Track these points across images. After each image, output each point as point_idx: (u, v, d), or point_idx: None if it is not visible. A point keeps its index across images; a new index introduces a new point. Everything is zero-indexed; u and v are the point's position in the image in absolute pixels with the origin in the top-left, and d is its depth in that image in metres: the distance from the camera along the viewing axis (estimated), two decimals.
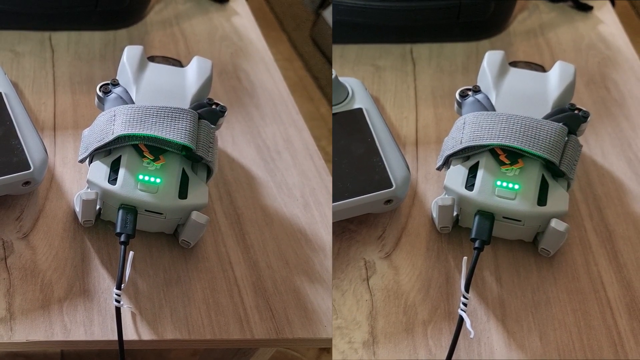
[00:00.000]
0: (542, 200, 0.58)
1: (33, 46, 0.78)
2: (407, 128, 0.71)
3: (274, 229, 0.66)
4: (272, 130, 0.75)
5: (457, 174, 0.59)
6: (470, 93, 0.63)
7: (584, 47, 0.83)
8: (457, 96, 0.64)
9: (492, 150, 0.59)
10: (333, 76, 0.66)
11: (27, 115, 0.63)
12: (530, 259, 0.61)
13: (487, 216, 0.57)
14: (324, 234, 0.66)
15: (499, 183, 0.57)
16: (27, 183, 0.59)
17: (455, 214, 0.60)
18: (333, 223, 0.62)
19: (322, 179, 0.70)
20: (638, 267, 0.61)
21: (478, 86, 0.64)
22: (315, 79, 1.21)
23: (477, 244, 0.56)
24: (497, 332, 0.57)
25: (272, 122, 0.76)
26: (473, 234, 0.57)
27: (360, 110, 0.65)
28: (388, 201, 0.61)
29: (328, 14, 1.22)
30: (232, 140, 0.73)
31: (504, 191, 0.57)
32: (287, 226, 0.66)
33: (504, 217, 0.58)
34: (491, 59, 0.65)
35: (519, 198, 0.57)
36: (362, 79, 0.71)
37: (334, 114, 0.65)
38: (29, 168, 0.59)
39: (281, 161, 0.72)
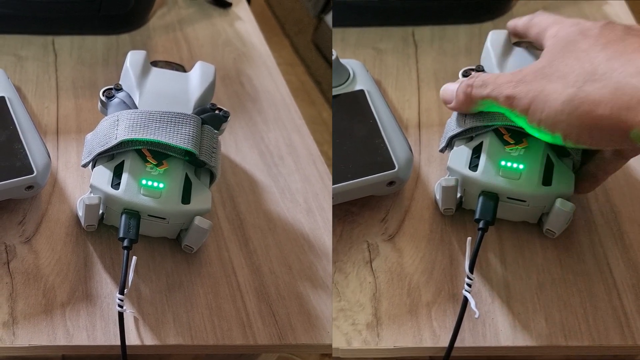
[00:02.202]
0: (547, 180, 0.56)
1: (36, 50, 0.78)
2: (409, 111, 0.71)
3: (277, 235, 0.66)
4: (275, 135, 0.75)
5: (460, 154, 0.58)
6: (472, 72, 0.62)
7: (221, 43, 0.85)
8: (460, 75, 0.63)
9: (497, 130, 0.58)
10: (334, 57, 0.66)
11: (30, 119, 0.63)
12: (535, 241, 0.60)
13: (491, 196, 0.56)
14: (327, 239, 0.66)
15: (503, 163, 0.56)
16: (30, 187, 0.59)
17: (459, 195, 0.59)
18: (335, 206, 0.62)
19: (325, 184, 0.70)
20: None
21: (120, 84, 0.64)
22: (317, 83, 1.21)
23: (481, 225, 0.56)
24: (501, 313, 0.57)
25: (275, 127, 0.76)
26: (477, 214, 0.56)
27: (362, 91, 0.65)
28: (391, 183, 0.60)
29: (330, 18, 1.22)
30: (235, 145, 0.73)
31: (509, 171, 0.56)
32: (290, 231, 0.66)
33: (508, 198, 0.57)
34: (133, 58, 0.65)
35: (524, 178, 0.56)
36: (364, 61, 0.71)
37: (335, 96, 0.65)
38: (32, 172, 0.59)
39: (284, 166, 0.72)
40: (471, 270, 0.54)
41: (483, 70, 0.61)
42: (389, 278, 0.59)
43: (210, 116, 0.63)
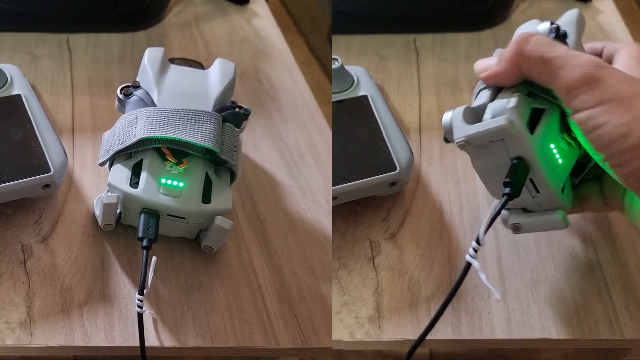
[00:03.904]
0: (206, 198, 0.58)
1: (51, 48, 0.78)
2: (410, 115, 0.73)
3: (298, 235, 0.65)
4: (294, 134, 0.74)
5: (121, 171, 0.58)
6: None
7: (238, 40, 0.85)
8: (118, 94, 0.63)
9: (157, 148, 0.58)
10: (338, 65, 0.68)
11: (46, 117, 0.63)
12: (530, 240, 0.61)
13: (152, 214, 0.57)
14: None
15: (163, 181, 0.57)
16: (46, 186, 0.58)
17: (119, 211, 0.59)
18: (339, 205, 0.63)
19: None
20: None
21: (137, 82, 0.63)
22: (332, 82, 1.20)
23: (144, 243, 0.56)
24: (497, 308, 0.58)
25: (294, 125, 0.75)
26: (140, 233, 0.56)
27: (365, 97, 0.67)
28: (392, 183, 0.62)
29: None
30: (254, 144, 0.72)
31: (169, 189, 0.57)
32: (311, 232, 0.65)
33: (168, 215, 0.57)
34: (152, 55, 0.64)
35: (184, 196, 0.57)
36: (367, 68, 0.72)
37: (339, 101, 0.67)
38: (49, 171, 0.58)
39: (305, 166, 0.71)
40: (480, 239, 0.50)
41: (139, 87, 0.62)
42: (391, 274, 0.60)
43: (230, 114, 0.62)
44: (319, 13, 1.27)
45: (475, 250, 0.49)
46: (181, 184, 0.57)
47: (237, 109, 0.63)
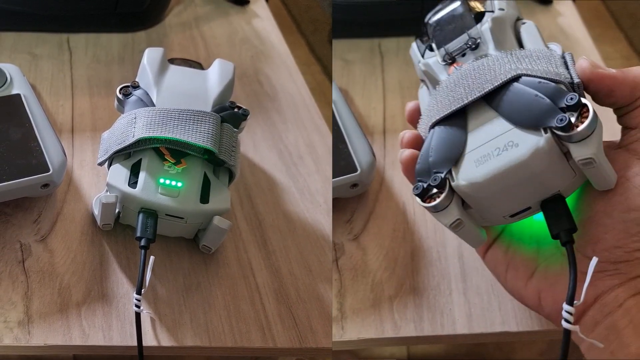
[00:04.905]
0: (204, 198, 0.58)
1: (51, 48, 0.78)
2: (374, 118, 0.73)
3: (296, 236, 0.65)
4: (294, 135, 0.74)
5: (120, 171, 0.58)
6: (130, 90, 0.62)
7: (238, 41, 0.86)
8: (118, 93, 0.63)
9: (156, 148, 0.58)
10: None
11: (45, 117, 0.63)
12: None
13: (151, 214, 0.57)
14: None
15: (162, 181, 0.57)
16: (45, 185, 0.58)
17: (117, 211, 0.59)
18: None
19: None
20: None
21: (137, 82, 0.63)
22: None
23: (142, 243, 0.56)
24: (458, 304, 0.59)
25: (294, 126, 0.75)
26: (138, 232, 0.56)
27: (18, 95, 0.63)
28: (354, 185, 0.63)
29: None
30: (253, 144, 0.72)
31: (167, 189, 0.57)
32: (310, 233, 0.65)
33: (167, 215, 0.57)
34: (151, 55, 0.64)
35: (182, 196, 0.57)
36: (20, 66, 0.68)
37: None
38: (48, 170, 0.58)
39: (304, 166, 0.71)
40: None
41: (139, 87, 0.62)
42: (353, 275, 0.61)
43: (229, 114, 0.62)
44: (320, 14, 1.27)
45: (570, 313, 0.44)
46: (179, 184, 0.57)
47: (235, 110, 0.63)
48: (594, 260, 0.44)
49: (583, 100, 0.44)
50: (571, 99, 0.44)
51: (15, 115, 0.61)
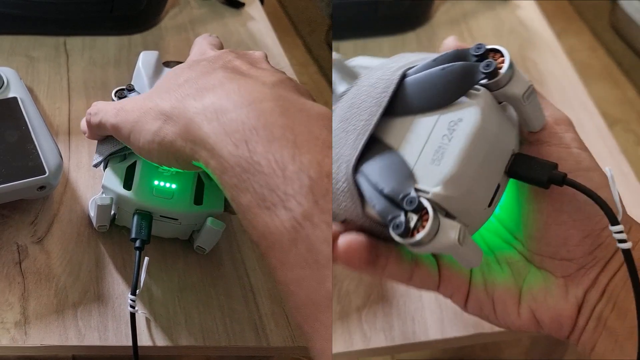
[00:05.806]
0: (198, 199, 0.58)
1: (48, 51, 0.78)
2: (60, 118, 0.71)
3: None
4: None
5: (115, 173, 0.58)
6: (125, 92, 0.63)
7: (234, 43, 0.87)
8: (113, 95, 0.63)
9: None
10: None
11: (42, 119, 0.63)
12: None
13: (145, 215, 0.58)
14: None
15: (156, 183, 0.58)
16: (42, 187, 0.59)
17: (112, 212, 0.60)
18: None
19: None
20: None
21: (132, 85, 0.63)
22: (330, 83, 1.20)
23: (137, 244, 0.57)
24: (429, 309, 0.59)
25: None
26: (133, 234, 0.57)
27: (15, 99, 0.64)
28: (41, 187, 0.59)
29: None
30: None
31: (162, 191, 0.58)
32: None
33: (161, 216, 0.58)
34: (146, 58, 0.64)
35: (176, 197, 0.58)
36: (17, 69, 0.69)
37: None
38: (45, 173, 0.58)
39: None
40: None
41: (133, 90, 0.62)
42: (37, 279, 0.58)
43: None
44: (316, 14, 1.27)
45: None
46: (173, 186, 0.58)
47: None
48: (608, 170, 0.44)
49: (488, 46, 0.42)
50: (478, 48, 0.43)
51: (12, 118, 0.62)
